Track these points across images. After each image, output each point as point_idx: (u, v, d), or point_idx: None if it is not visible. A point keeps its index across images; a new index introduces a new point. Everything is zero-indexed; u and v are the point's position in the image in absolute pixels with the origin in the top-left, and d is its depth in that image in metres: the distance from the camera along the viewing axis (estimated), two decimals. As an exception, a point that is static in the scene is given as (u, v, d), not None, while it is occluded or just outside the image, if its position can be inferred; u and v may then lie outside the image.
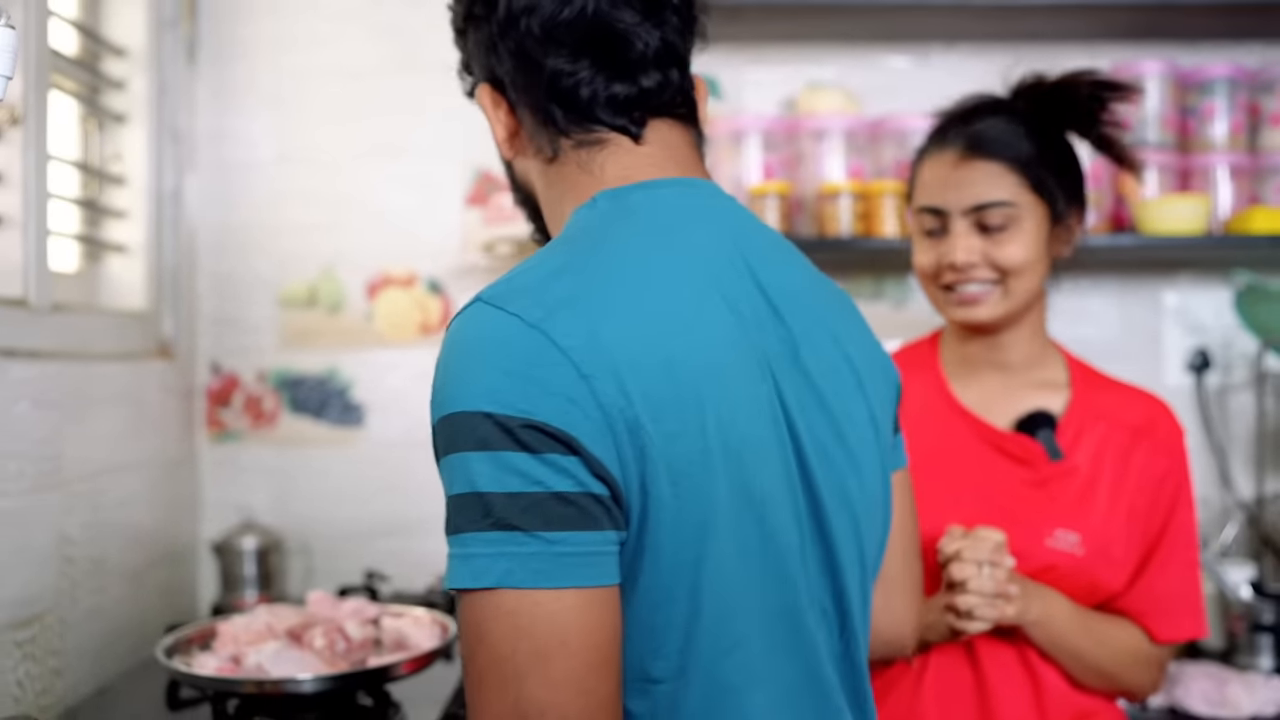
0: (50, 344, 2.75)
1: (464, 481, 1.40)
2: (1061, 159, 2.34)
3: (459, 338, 1.47)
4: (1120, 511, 2.30)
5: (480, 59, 1.77)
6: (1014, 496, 2.31)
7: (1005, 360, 2.41)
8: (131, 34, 3.40)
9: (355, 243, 3.75)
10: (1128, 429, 2.34)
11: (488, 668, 1.37)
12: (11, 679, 2.52)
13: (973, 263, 2.28)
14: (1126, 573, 2.30)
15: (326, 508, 3.73)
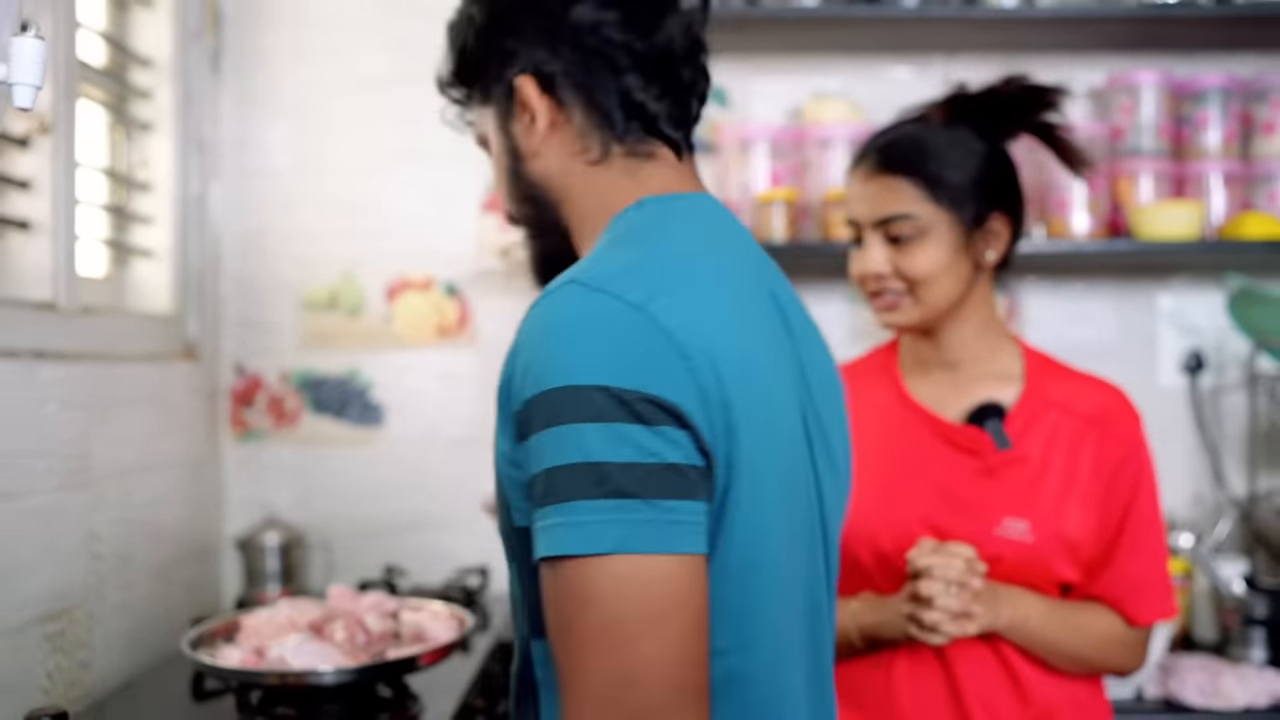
0: (79, 346, 2.75)
1: (575, 452, 1.41)
2: (981, 167, 2.33)
3: (559, 317, 1.47)
4: (1074, 499, 2.30)
5: (528, 51, 1.76)
6: (965, 486, 2.32)
7: (952, 358, 2.42)
8: (157, 45, 3.39)
9: (374, 247, 3.75)
10: (1080, 418, 2.34)
11: (597, 631, 1.39)
12: (41, 671, 2.52)
13: (882, 273, 2.32)
14: (1084, 560, 2.30)
15: (347, 505, 3.73)
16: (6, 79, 1.77)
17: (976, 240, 2.33)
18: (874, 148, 2.38)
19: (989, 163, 2.35)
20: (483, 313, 3.74)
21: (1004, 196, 2.36)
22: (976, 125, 2.37)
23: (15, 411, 2.45)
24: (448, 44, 1.91)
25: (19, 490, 2.45)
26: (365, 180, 3.75)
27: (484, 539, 3.70)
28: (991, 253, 2.35)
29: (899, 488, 2.34)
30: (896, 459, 2.37)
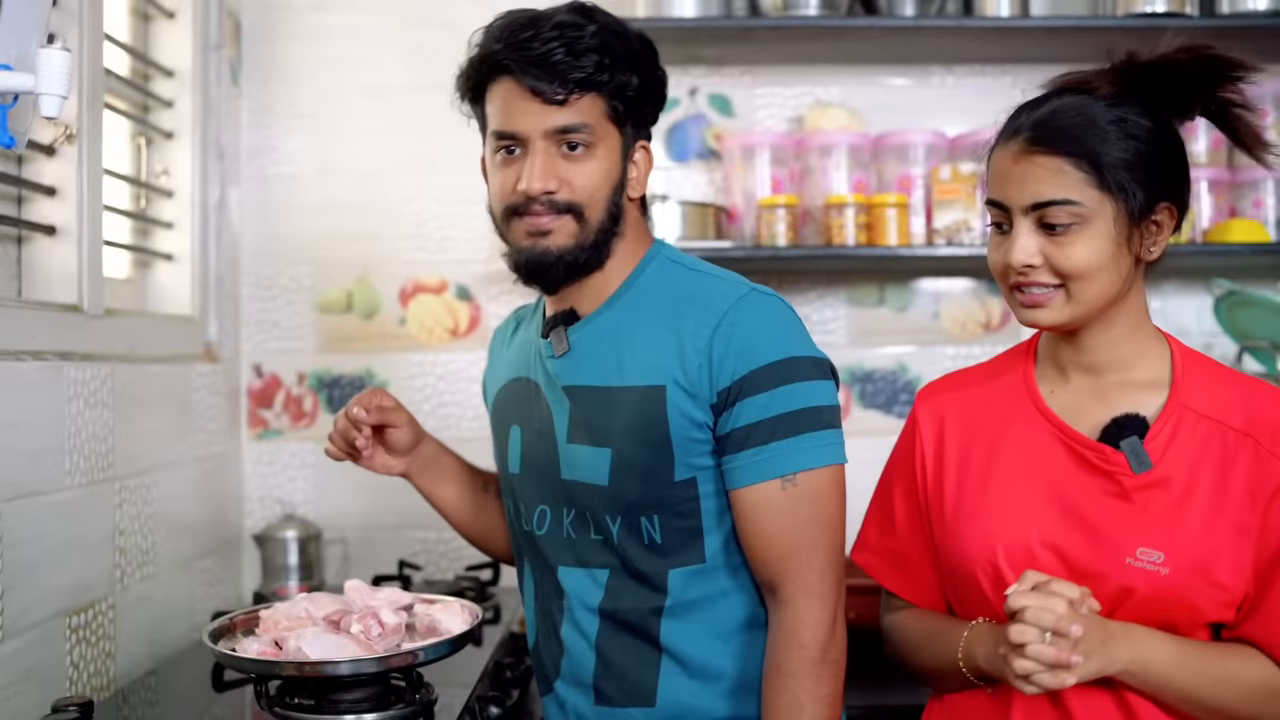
0: (103, 347, 2.76)
1: (814, 398, 2.12)
2: (1149, 149, 1.95)
3: (785, 310, 2.19)
4: (1223, 526, 1.92)
5: (650, 118, 2.31)
6: (1096, 509, 1.98)
7: (1094, 362, 2.05)
8: (179, 57, 3.40)
9: (388, 252, 3.76)
10: (1234, 431, 1.95)
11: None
12: (66, 661, 2.53)
13: (1032, 265, 1.96)
14: (1235, 596, 1.93)
15: (362, 501, 3.73)
16: (34, 89, 1.78)
17: (1141, 233, 1.97)
18: (1030, 121, 1.99)
19: (1160, 145, 1.97)
20: (494, 315, 3.75)
21: (1173, 184, 2.00)
22: (1146, 100, 1.98)
23: (41, 410, 2.46)
24: (621, 52, 2.21)
25: (45, 487, 2.46)
26: (380, 186, 3.76)
27: (495, 534, 3.71)
28: (1156, 247, 1.99)
29: (1023, 505, 2.03)
30: (1024, 473, 2.05)
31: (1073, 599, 1.83)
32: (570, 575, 2.28)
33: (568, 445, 2.24)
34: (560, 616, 2.29)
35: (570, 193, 2.17)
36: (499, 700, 2.46)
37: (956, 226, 3.44)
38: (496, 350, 2.56)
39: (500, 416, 2.44)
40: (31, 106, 1.88)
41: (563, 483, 2.26)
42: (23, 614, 2.36)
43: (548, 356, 2.28)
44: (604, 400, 2.20)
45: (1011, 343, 3.71)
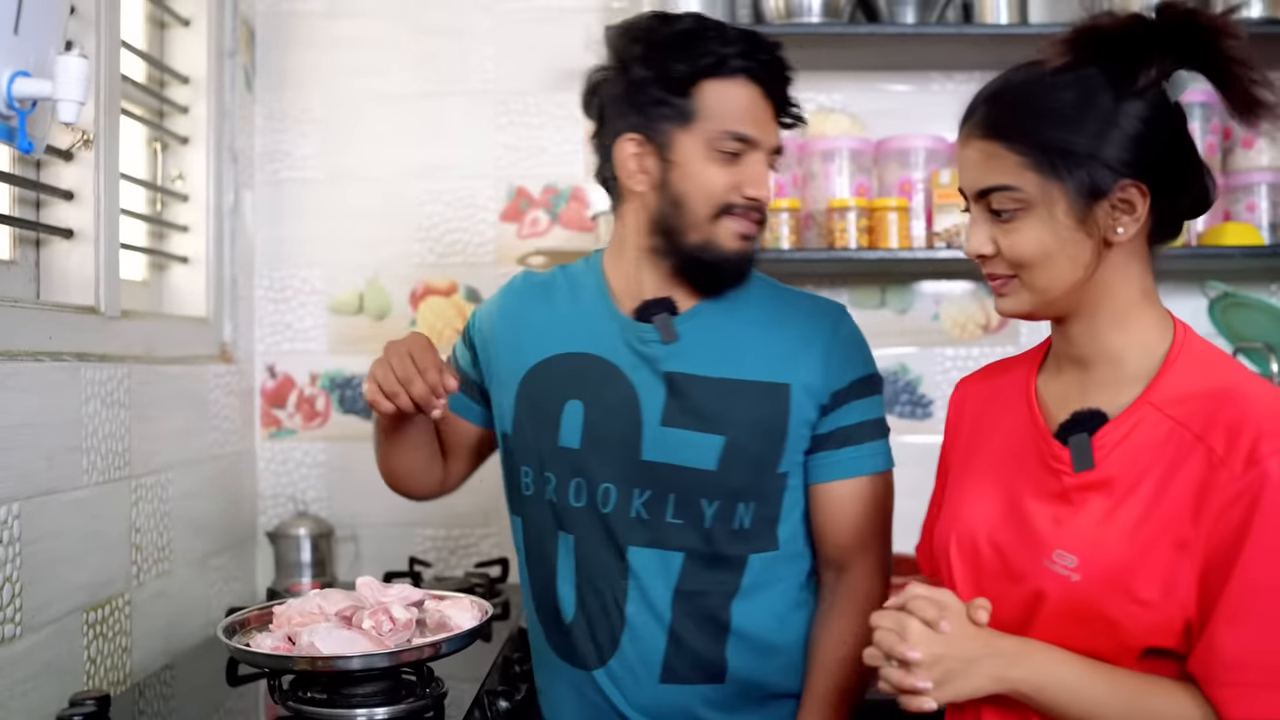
0: (119, 348, 2.76)
1: (877, 410, 2.38)
2: (1102, 124, 1.73)
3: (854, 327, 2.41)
4: (1154, 537, 1.69)
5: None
6: (1035, 507, 1.82)
7: (1080, 354, 1.85)
8: (194, 63, 3.40)
9: (399, 255, 3.76)
10: (1190, 434, 1.71)
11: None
12: (84, 656, 2.53)
13: (984, 253, 1.81)
14: (1170, 617, 1.69)
15: (373, 499, 3.72)
16: (53, 95, 1.78)
17: (1099, 214, 1.74)
18: (977, 102, 1.84)
19: (1118, 117, 1.74)
20: (502, 317, 3.74)
21: (1139, 156, 1.74)
22: (1107, 69, 1.75)
23: (60, 410, 2.46)
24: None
25: (63, 485, 2.46)
26: (391, 191, 3.76)
27: (503, 533, 3.71)
28: (1123, 229, 1.75)
29: (986, 496, 1.91)
30: (999, 464, 1.92)
31: (929, 618, 1.71)
32: (641, 555, 2.31)
33: (661, 428, 2.29)
34: (624, 595, 2.31)
35: (767, 202, 2.33)
36: (508, 694, 2.46)
37: (956, 229, 3.44)
38: (522, 314, 2.47)
39: (549, 388, 2.37)
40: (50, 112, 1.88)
41: (642, 463, 2.30)
42: (41, 609, 2.36)
43: (647, 341, 2.31)
44: (719, 390, 2.29)
45: (1010, 344, 3.75)
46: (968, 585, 1.87)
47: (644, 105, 2.27)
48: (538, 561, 2.43)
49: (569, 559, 2.36)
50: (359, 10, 3.77)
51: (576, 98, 3.70)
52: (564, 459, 2.35)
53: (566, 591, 2.37)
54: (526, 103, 3.75)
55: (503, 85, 3.76)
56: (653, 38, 2.28)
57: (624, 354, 2.33)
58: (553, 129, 3.75)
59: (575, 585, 2.36)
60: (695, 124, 2.25)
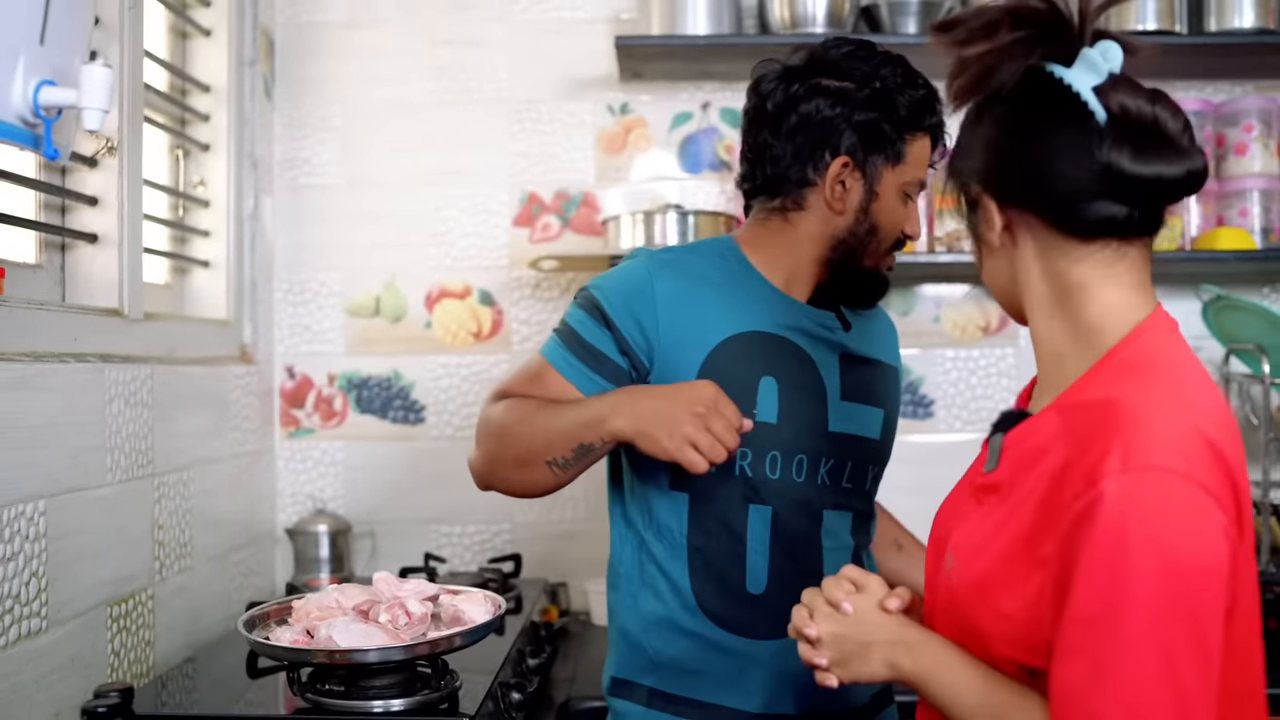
0: (142, 349, 2.75)
1: None
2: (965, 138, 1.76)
3: None
4: (1015, 548, 1.57)
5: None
6: (960, 504, 1.77)
7: (1037, 353, 1.72)
8: (215, 72, 3.40)
9: (415, 259, 3.76)
10: (1063, 441, 1.56)
11: None
12: (108, 649, 2.53)
13: None
14: (1029, 634, 1.54)
15: (389, 497, 3.73)
16: (78, 103, 1.78)
17: (976, 226, 1.73)
18: None
19: (966, 131, 1.77)
20: (515, 319, 3.75)
21: (978, 162, 1.71)
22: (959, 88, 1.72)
23: (84, 410, 2.46)
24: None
25: (88, 483, 2.46)
26: (407, 197, 3.76)
27: (517, 529, 3.71)
28: (991, 233, 1.68)
29: (957, 490, 1.84)
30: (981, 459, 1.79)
31: (834, 599, 1.72)
32: (833, 517, 2.38)
33: (841, 402, 2.40)
34: (820, 558, 2.36)
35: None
36: (520, 687, 2.45)
37: (957, 235, 3.44)
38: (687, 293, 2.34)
39: (740, 366, 2.32)
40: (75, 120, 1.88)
41: (830, 435, 2.37)
42: (67, 604, 2.36)
43: (831, 327, 2.41)
44: (875, 370, 2.47)
45: (1009, 345, 3.76)
46: (927, 572, 1.85)
47: (869, 136, 2.30)
48: (714, 536, 2.32)
49: (763, 530, 2.32)
50: (376, 21, 3.76)
51: (588, 106, 3.74)
52: (762, 434, 2.30)
53: (758, 563, 2.32)
54: (539, 111, 3.75)
55: (516, 94, 3.75)
56: (891, 79, 2.33)
57: (800, 335, 2.38)
58: (564, 136, 3.75)
59: (769, 556, 2.32)
60: (900, 166, 2.34)
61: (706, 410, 2.12)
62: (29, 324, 2.31)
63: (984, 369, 3.78)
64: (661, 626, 2.33)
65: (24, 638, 2.21)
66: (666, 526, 2.35)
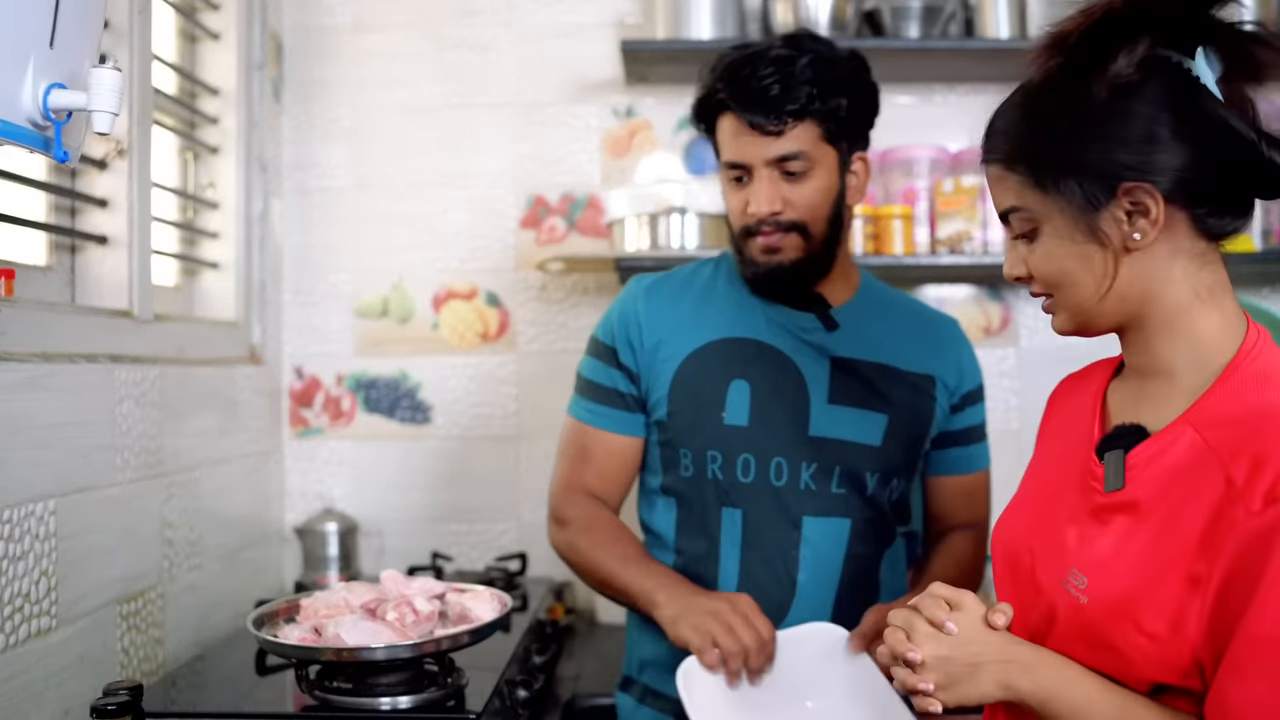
0: (152, 350, 2.75)
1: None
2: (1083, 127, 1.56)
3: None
4: (1165, 567, 1.50)
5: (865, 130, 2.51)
6: (1068, 522, 1.66)
7: (1137, 364, 1.68)
8: (224, 76, 3.40)
9: (422, 260, 3.75)
10: (1216, 458, 1.49)
11: None
12: (118, 647, 2.53)
13: (1019, 275, 1.70)
14: (1178, 654, 1.49)
15: (397, 496, 3.73)
16: (87, 106, 1.77)
17: (1106, 222, 1.56)
18: (986, 129, 1.70)
19: (1099, 118, 1.54)
20: (521, 320, 3.74)
21: (1136, 158, 1.53)
22: (1086, 66, 1.54)
23: (94, 410, 2.46)
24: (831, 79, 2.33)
25: (98, 482, 2.45)
26: (414, 199, 3.75)
27: (523, 527, 3.71)
28: (1140, 234, 1.55)
29: (1034, 500, 1.77)
30: (1052, 468, 1.78)
31: (935, 619, 1.63)
32: (814, 524, 2.37)
33: (828, 406, 2.38)
34: (797, 565, 2.36)
35: (794, 212, 2.34)
36: (527, 684, 2.45)
37: (958, 236, 3.43)
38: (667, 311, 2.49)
39: (710, 371, 2.42)
40: (84, 123, 1.87)
41: (809, 439, 2.37)
42: (77, 602, 2.35)
43: (809, 329, 2.42)
44: (881, 374, 2.42)
45: (1011, 345, 3.75)
46: (1005, 589, 1.75)
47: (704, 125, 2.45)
48: (694, 538, 2.43)
49: (735, 533, 2.39)
50: (384, 25, 3.76)
51: (593, 109, 3.73)
52: (730, 436, 2.39)
53: (730, 565, 2.39)
54: (545, 114, 3.75)
55: (522, 97, 3.75)
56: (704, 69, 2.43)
57: (785, 339, 2.41)
58: (570, 139, 3.75)
59: (740, 559, 2.38)
60: (721, 158, 2.41)
61: (745, 625, 2.14)
62: (39, 325, 2.31)
63: (985, 369, 3.73)
64: (647, 624, 2.38)
65: (34, 636, 2.21)
66: (659, 529, 2.48)
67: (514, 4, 3.75)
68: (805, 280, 2.42)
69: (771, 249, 2.35)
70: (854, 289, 2.52)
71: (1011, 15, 3.44)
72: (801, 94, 2.28)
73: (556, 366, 3.69)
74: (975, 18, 3.51)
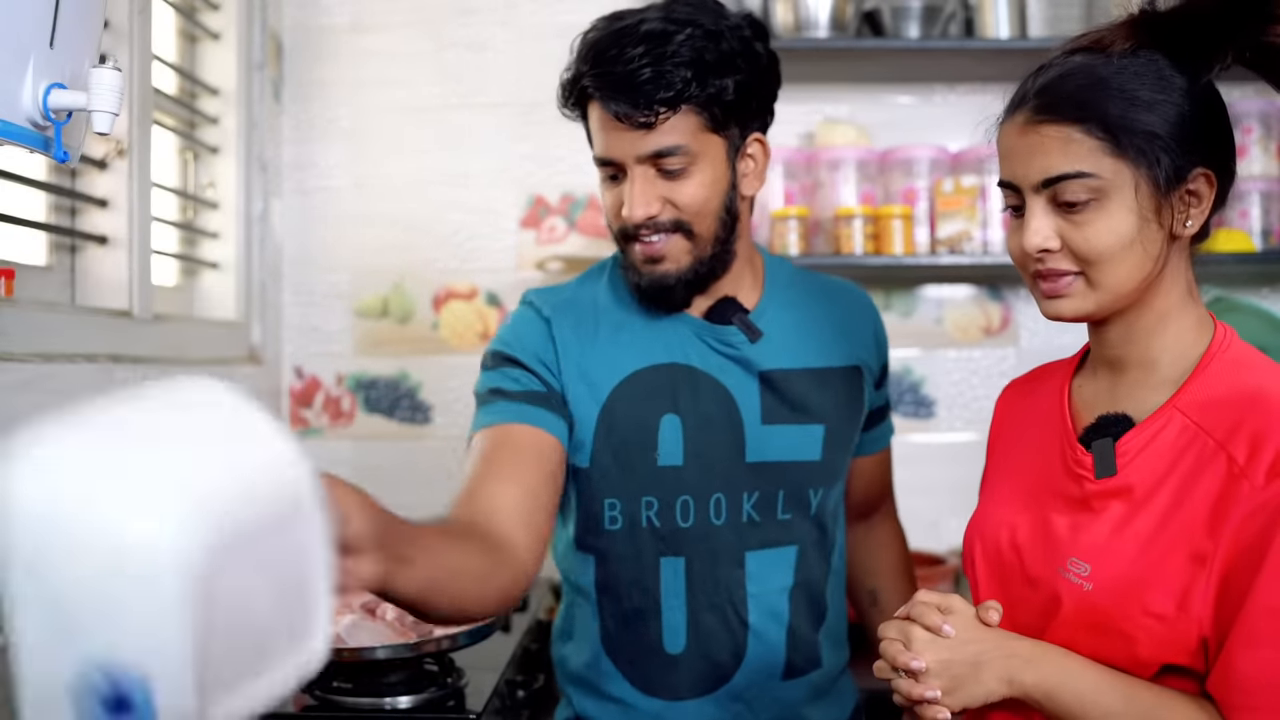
0: (152, 351, 2.75)
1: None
2: (1175, 108, 1.58)
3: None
4: (1169, 548, 1.55)
5: (760, 108, 2.18)
6: (1056, 512, 1.69)
7: (1116, 357, 1.69)
8: (224, 76, 3.40)
9: (422, 260, 3.75)
10: (1213, 441, 1.55)
11: None
12: (118, 647, 2.52)
13: (1049, 249, 1.61)
14: (1185, 633, 1.53)
15: (397, 495, 3.69)
16: (87, 106, 1.77)
17: (1173, 204, 1.59)
18: (1035, 89, 1.63)
19: (1188, 102, 1.58)
20: (521, 320, 3.74)
21: (1209, 146, 1.61)
22: (1168, 53, 1.60)
23: (95, 410, 2.46)
24: (713, 58, 2.01)
25: (98, 482, 2.45)
26: (414, 199, 3.75)
27: (522, 527, 3.71)
28: (1192, 221, 1.61)
29: (1011, 498, 1.78)
30: (1024, 466, 1.79)
31: (931, 624, 1.61)
32: (758, 559, 2.15)
33: (762, 427, 2.13)
34: (745, 605, 2.14)
35: (675, 212, 2.05)
36: (526, 684, 2.45)
37: (958, 236, 3.43)
38: (571, 337, 2.16)
39: (642, 408, 2.13)
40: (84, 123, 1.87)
41: (747, 466, 2.13)
42: (76, 602, 2.35)
43: (734, 343, 2.15)
44: (812, 381, 2.18)
45: (1011, 345, 3.75)
46: (992, 589, 1.75)
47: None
48: (627, 597, 2.17)
49: (678, 583, 2.14)
50: (384, 25, 3.76)
51: (593, 109, 3.73)
52: (667, 479, 2.13)
53: (675, 618, 2.15)
54: (545, 114, 3.73)
55: (522, 97, 3.74)
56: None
57: (709, 357, 2.15)
58: (570, 139, 3.73)
59: (687, 612, 2.14)
60: (593, 152, 2.15)
61: None
62: (39, 325, 2.31)
63: (985, 369, 3.77)
64: (583, 684, 2.25)
65: (34, 636, 2.20)
66: (580, 587, 2.24)
67: (513, 3, 3.75)
68: (696, 288, 2.12)
69: (653, 257, 2.07)
70: (761, 283, 2.23)
71: (1011, 15, 3.43)
72: (676, 79, 1.97)
73: (556, 366, 3.68)
74: (975, 18, 3.51)
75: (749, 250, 2.22)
